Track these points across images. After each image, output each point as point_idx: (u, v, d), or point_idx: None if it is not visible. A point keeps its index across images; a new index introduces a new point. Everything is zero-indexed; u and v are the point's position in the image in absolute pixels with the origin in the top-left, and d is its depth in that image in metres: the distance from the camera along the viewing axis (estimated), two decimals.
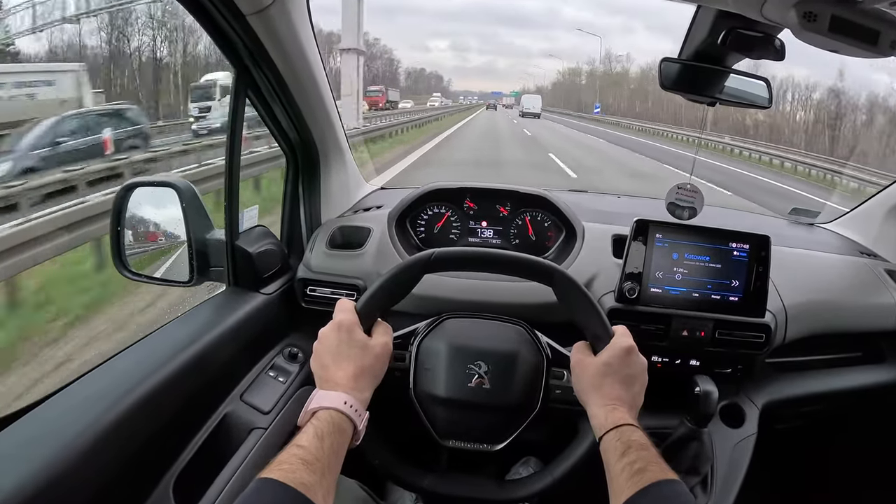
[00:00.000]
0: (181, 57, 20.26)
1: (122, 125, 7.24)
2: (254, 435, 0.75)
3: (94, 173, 4.85)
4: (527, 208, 1.07)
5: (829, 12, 0.58)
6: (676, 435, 0.78)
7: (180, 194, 0.83)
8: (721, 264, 0.86)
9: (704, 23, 0.77)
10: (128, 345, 0.72)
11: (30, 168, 5.38)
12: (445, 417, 0.68)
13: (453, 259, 0.69)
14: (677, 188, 0.92)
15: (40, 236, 3.04)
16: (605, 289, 0.91)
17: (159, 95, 18.87)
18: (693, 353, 0.88)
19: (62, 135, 6.22)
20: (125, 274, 0.84)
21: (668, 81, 0.84)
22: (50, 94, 8.28)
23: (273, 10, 0.72)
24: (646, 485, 0.50)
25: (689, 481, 0.79)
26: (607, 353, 0.63)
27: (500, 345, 0.71)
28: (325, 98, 0.95)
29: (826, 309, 0.98)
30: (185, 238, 0.84)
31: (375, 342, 0.63)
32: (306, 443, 0.51)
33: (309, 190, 1.05)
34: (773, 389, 0.95)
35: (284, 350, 0.89)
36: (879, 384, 1.02)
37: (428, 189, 1.06)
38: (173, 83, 19.48)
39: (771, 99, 0.85)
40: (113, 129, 6.87)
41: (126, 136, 7.14)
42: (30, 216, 3.35)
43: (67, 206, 3.50)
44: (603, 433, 0.57)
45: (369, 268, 0.95)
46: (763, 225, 1.25)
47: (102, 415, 0.57)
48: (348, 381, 0.59)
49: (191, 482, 0.66)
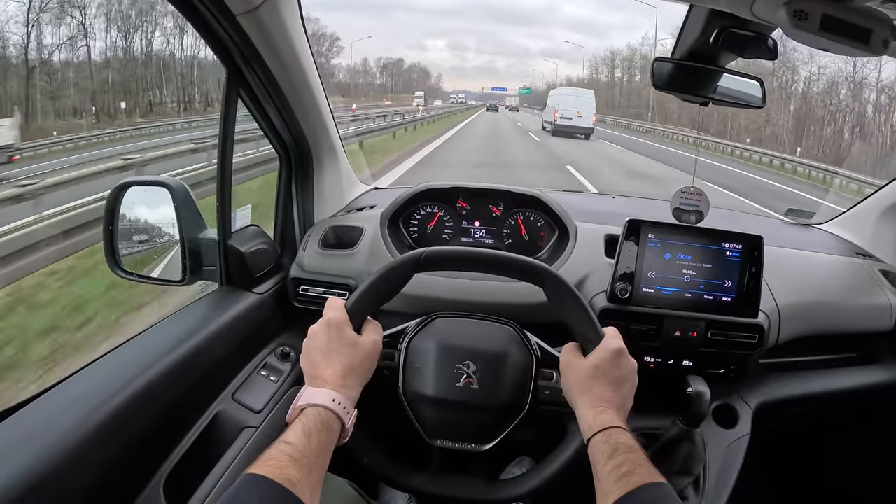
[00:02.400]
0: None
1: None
2: (245, 434, 0.76)
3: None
4: (520, 208, 1.07)
5: (820, 11, 0.58)
6: (668, 435, 0.78)
7: (173, 194, 0.83)
8: (714, 264, 0.86)
9: (697, 22, 0.77)
10: (119, 343, 0.72)
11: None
12: (434, 417, 0.68)
13: (443, 259, 0.69)
14: (681, 192, 0.90)
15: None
16: (597, 289, 0.90)
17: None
18: (685, 354, 0.88)
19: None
20: (118, 273, 0.84)
21: (660, 81, 0.83)
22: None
23: (264, 9, 0.72)
24: (633, 487, 0.50)
25: (682, 482, 0.79)
26: (597, 354, 0.63)
27: (490, 345, 0.71)
28: (318, 98, 0.95)
29: (820, 309, 0.97)
30: (177, 237, 0.84)
31: (365, 340, 0.63)
32: (294, 439, 0.51)
33: (302, 189, 1.05)
34: (766, 390, 0.95)
35: (276, 349, 0.89)
36: (874, 385, 1.02)
37: (421, 189, 1.06)
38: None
39: (764, 99, 0.85)
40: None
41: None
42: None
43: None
44: (591, 435, 0.57)
45: (361, 267, 0.95)
46: (758, 225, 1.24)
47: (93, 412, 0.57)
48: (337, 379, 0.59)
49: (182, 480, 0.66)
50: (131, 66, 18.84)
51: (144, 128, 14.06)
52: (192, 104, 19.75)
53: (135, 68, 18.91)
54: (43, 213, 3.66)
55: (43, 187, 4.13)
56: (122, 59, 18.42)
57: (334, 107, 1.05)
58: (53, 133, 12.18)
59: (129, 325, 2.53)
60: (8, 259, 2.62)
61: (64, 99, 15.89)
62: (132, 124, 15.09)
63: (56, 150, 10.32)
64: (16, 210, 3.66)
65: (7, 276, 2.61)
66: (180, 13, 0.70)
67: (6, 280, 2.63)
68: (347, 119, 11.70)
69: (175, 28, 18.46)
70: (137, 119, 16.57)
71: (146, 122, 14.11)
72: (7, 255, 2.62)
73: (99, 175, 4.89)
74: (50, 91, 15.53)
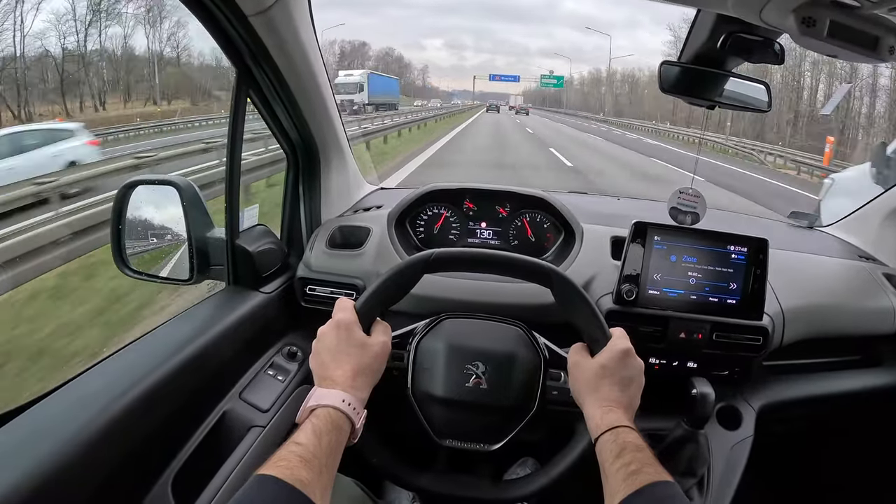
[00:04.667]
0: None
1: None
2: (252, 433, 0.76)
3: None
4: (526, 209, 1.07)
5: (828, 17, 0.59)
6: (673, 436, 0.78)
7: (181, 193, 0.84)
8: (719, 267, 0.86)
9: (704, 26, 0.77)
10: (128, 342, 0.72)
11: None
12: (443, 417, 0.68)
13: (452, 259, 0.70)
14: (679, 192, 0.91)
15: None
16: (603, 290, 0.91)
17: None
18: (690, 355, 0.88)
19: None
20: (126, 272, 0.84)
21: (667, 84, 0.84)
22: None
23: (275, 10, 0.72)
24: (640, 486, 0.50)
25: (686, 483, 0.80)
26: (604, 355, 0.63)
27: (498, 345, 0.71)
28: (326, 98, 0.96)
29: (824, 312, 0.98)
30: (185, 236, 0.85)
31: (374, 341, 0.63)
32: (304, 440, 0.52)
33: (309, 189, 1.06)
34: (770, 392, 0.96)
35: (284, 349, 0.90)
36: (877, 388, 1.02)
37: (427, 189, 1.06)
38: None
39: (770, 102, 0.85)
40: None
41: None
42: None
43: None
44: (598, 434, 0.58)
45: (369, 267, 0.95)
46: (762, 228, 1.25)
47: (102, 411, 0.57)
48: (346, 380, 0.59)
49: (190, 479, 0.67)
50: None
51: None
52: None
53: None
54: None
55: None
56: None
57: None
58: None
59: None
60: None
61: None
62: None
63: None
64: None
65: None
66: (192, 13, 0.71)
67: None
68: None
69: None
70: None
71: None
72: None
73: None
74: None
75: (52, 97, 14.86)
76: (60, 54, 16.12)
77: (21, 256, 2.67)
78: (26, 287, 2.72)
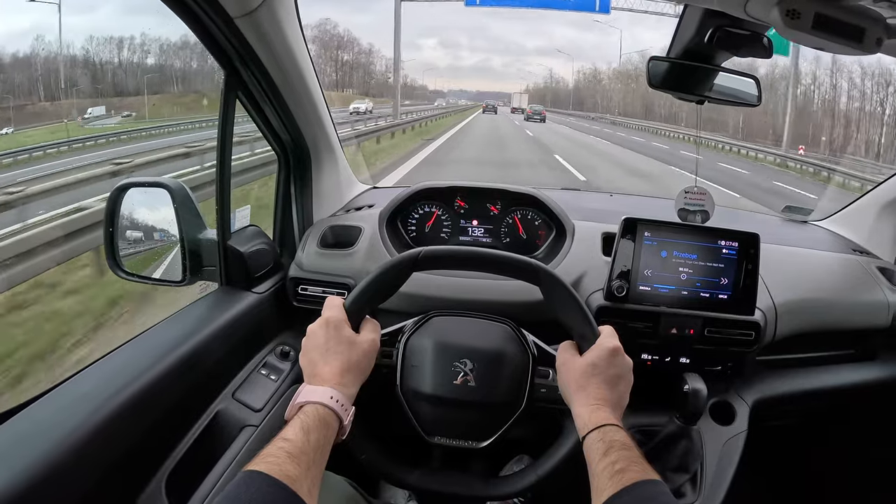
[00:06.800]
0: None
1: None
2: (245, 432, 0.76)
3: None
4: (517, 207, 1.07)
5: (813, 10, 0.58)
6: (665, 432, 0.78)
7: (173, 195, 0.84)
8: (710, 262, 0.86)
9: (692, 21, 0.77)
10: (121, 343, 0.73)
11: None
12: (431, 414, 0.69)
13: (441, 258, 0.70)
14: (685, 192, 0.90)
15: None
16: (594, 287, 0.91)
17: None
18: (682, 351, 0.88)
19: None
20: (119, 274, 0.85)
21: (656, 80, 0.84)
22: None
23: (261, 12, 0.73)
24: (627, 484, 0.50)
25: (679, 479, 0.80)
26: (593, 353, 0.63)
27: (487, 343, 0.71)
28: (316, 98, 0.96)
29: (817, 306, 0.98)
30: (177, 238, 0.85)
31: (363, 339, 0.64)
32: (292, 436, 0.52)
33: (301, 190, 1.06)
34: (763, 387, 0.95)
35: (276, 348, 0.90)
36: (871, 382, 1.02)
37: (418, 188, 1.06)
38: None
39: (760, 97, 0.85)
40: None
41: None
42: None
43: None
44: (586, 433, 0.58)
45: (360, 266, 0.95)
46: (755, 223, 1.25)
47: (95, 412, 0.58)
48: (335, 377, 0.60)
49: (183, 479, 0.67)
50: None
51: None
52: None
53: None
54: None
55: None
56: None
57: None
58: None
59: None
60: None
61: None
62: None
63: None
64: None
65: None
66: (177, 16, 0.71)
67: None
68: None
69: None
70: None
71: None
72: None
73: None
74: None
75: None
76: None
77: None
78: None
